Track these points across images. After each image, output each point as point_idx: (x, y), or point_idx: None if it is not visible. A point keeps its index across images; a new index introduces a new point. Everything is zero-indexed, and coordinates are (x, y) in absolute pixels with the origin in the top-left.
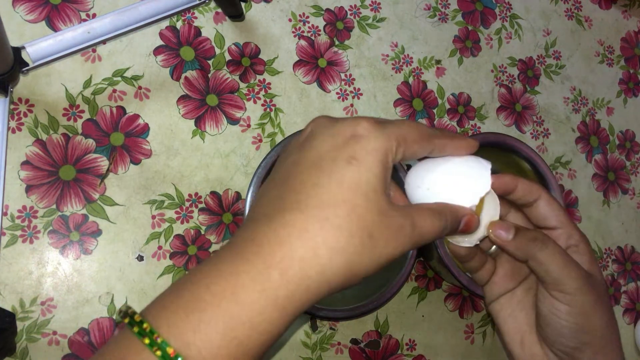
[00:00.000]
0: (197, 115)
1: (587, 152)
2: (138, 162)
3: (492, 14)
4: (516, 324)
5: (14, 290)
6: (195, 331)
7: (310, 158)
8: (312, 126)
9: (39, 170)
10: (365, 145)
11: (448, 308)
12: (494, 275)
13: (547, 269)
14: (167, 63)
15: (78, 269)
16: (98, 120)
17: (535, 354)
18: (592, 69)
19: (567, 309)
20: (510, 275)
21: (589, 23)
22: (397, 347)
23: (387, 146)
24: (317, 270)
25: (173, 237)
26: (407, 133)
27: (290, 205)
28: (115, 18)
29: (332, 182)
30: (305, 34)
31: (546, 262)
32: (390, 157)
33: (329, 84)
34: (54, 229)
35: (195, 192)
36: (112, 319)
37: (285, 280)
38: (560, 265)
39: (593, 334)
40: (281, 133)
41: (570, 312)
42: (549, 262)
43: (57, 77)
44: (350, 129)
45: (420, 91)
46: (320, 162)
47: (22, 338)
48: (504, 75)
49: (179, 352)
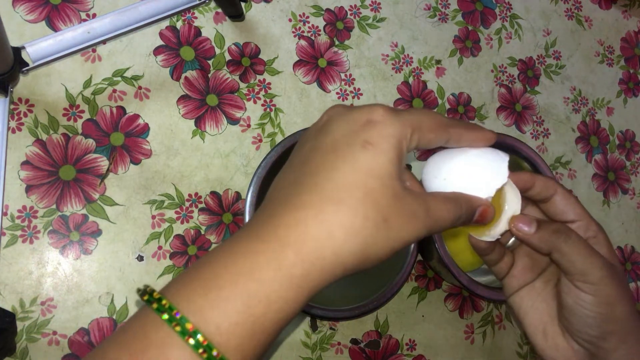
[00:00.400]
0: (197, 115)
1: (587, 152)
2: (138, 162)
3: (492, 14)
4: (538, 316)
5: (14, 290)
6: (214, 308)
7: (327, 143)
8: (328, 114)
9: (39, 170)
10: (380, 130)
11: (448, 308)
12: (513, 268)
13: (572, 259)
14: (167, 63)
15: (78, 269)
16: (98, 120)
17: (559, 344)
18: (592, 69)
19: (592, 299)
20: (529, 268)
21: (589, 23)
22: (397, 347)
23: (402, 132)
24: (331, 251)
25: (173, 237)
26: (423, 121)
27: (306, 188)
28: (115, 18)
29: (348, 166)
30: (305, 34)
31: (570, 253)
32: (405, 144)
33: (329, 84)
34: (54, 229)
35: (195, 192)
36: (112, 319)
37: (300, 259)
38: (584, 255)
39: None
40: (281, 133)
41: (595, 302)
42: (573, 253)
43: (57, 77)
44: (365, 115)
45: (420, 91)
46: (336, 146)
47: (22, 338)
48: (504, 75)
49: (197, 327)
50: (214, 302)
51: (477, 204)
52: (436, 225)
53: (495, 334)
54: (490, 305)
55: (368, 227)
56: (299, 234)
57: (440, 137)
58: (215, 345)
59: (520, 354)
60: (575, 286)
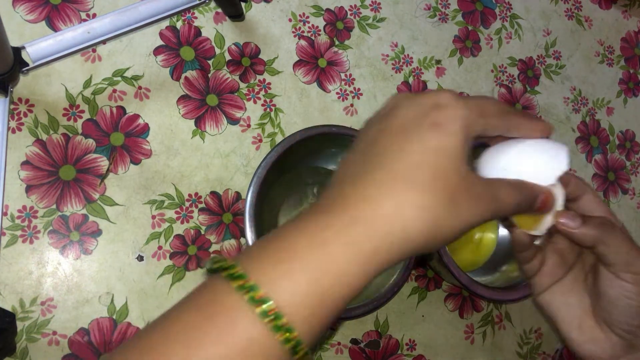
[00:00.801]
0: (197, 115)
1: (587, 152)
2: (138, 162)
3: (492, 14)
4: (571, 310)
5: (14, 290)
6: (283, 278)
7: (395, 125)
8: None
9: (39, 170)
10: (448, 113)
11: (448, 308)
12: (544, 266)
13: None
14: (167, 63)
15: (78, 269)
16: (98, 120)
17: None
18: (592, 69)
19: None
20: (558, 265)
21: (589, 23)
22: (397, 347)
23: (469, 115)
24: (401, 227)
25: (173, 237)
26: (487, 107)
27: (376, 166)
28: (115, 18)
29: (416, 146)
30: (305, 34)
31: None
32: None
33: (329, 84)
34: (54, 229)
35: (195, 192)
36: (112, 319)
37: (369, 235)
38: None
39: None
40: (281, 133)
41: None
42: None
43: (57, 77)
44: (433, 99)
45: (420, 91)
46: (404, 128)
47: (22, 338)
48: (504, 75)
49: (267, 296)
50: (284, 273)
51: (539, 191)
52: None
53: (495, 334)
54: (490, 305)
55: (437, 205)
56: (369, 211)
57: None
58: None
59: (520, 354)
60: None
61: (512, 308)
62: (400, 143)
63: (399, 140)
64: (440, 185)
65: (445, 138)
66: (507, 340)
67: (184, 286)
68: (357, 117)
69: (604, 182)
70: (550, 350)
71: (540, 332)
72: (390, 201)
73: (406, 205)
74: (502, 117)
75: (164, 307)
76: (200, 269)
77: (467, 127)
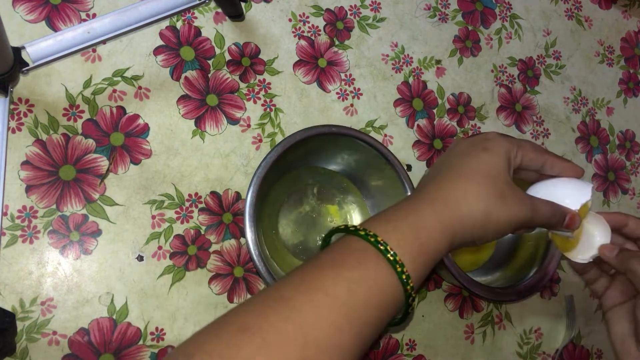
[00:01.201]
0: (197, 115)
1: (587, 152)
2: (138, 162)
3: (492, 14)
4: (621, 330)
5: (14, 290)
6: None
7: (458, 150)
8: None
9: (39, 170)
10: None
11: (448, 308)
12: (609, 290)
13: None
14: (167, 63)
15: (78, 269)
16: (98, 120)
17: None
18: (592, 69)
19: None
20: (620, 291)
21: (589, 23)
22: (397, 347)
23: (510, 147)
24: (465, 208)
25: (173, 237)
26: (525, 144)
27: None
28: (115, 18)
29: (473, 160)
30: (305, 34)
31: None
32: (512, 155)
33: (329, 84)
34: (54, 229)
35: (195, 192)
36: (112, 319)
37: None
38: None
39: None
40: (281, 133)
41: None
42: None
43: (57, 77)
44: (482, 135)
45: (420, 91)
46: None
47: (22, 338)
48: (504, 75)
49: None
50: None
51: (567, 211)
52: (536, 217)
53: (495, 334)
54: (490, 305)
55: (489, 197)
56: (444, 195)
57: (538, 158)
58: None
59: (520, 354)
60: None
61: (512, 308)
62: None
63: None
64: (492, 184)
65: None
66: (507, 340)
67: (184, 286)
68: (357, 117)
69: (604, 182)
70: (550, 350)
71: (540, 332)
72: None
73: (469, 193)
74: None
75: (164, 307)
76: (200, 269)
77: (509, 154)
